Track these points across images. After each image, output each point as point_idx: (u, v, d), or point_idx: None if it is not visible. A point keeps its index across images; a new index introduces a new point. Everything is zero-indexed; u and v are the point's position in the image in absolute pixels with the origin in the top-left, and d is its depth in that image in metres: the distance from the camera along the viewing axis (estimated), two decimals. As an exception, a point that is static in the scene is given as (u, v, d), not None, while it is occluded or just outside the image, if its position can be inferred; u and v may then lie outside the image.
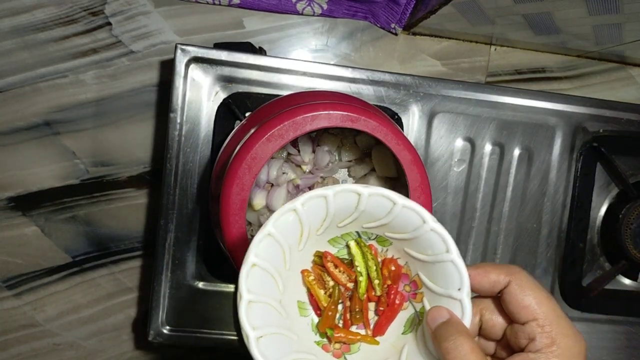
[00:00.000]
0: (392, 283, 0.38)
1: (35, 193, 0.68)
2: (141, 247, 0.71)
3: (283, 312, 0.35)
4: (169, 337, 0.56)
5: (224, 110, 0.55)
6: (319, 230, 0.36)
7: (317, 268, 0.38)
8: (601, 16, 0.57)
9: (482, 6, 0.59)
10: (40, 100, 0.67)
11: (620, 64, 0.75)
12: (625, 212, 0.60)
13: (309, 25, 0.69)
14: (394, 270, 0.38)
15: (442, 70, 0.72)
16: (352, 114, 0.43)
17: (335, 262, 0.38)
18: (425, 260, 0.35)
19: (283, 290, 0.36)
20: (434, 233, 0.34)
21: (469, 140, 0.60)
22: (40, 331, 0.71)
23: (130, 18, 0.67)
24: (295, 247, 0.35)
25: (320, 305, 0.38)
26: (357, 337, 0.38)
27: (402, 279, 0.38)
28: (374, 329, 0.38)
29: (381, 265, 0.38)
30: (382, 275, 0.38)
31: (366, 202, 0.34)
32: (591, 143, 0.61)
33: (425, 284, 0.36)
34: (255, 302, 0.33)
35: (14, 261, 0.69)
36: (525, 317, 0.33)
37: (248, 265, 0.33)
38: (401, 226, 0.35)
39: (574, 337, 0.32)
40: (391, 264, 0.38)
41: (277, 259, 0.34)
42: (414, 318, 0.38)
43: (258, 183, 0.51)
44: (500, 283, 0.34)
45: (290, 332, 0.35)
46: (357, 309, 0.38)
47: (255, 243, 0.33)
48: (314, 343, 0.37)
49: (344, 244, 0.39)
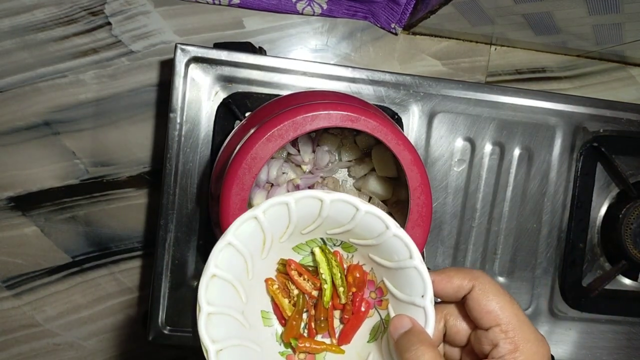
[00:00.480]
0: (357, 290, 0.37)
1: (35, 193, 0.68)
2: (141, 247, 0.71)
3: (245, 323, 0.35)
4: (169, 337, 0.56)
5: (223, 110, 0.55)
6: (282, 238, 0.36)
7: (281, 276, 0.38)
8: (601, 16, 0.57)
9: (482, 6, 0.59)
10: (40, 100, 0.67)
11: (620, 64, 0.75)
12: (625, 212, 0.60)
13: (309, 25, 0.69)
14: (359, 277, 0.37)
15: (442, 70, 0.72)
16: (352, 114, 0.43)
17: (300, 270, 0.37)
18: (389, 266, 0.35)
19: (246, 300, 0.35)
20: (397, 239, 0.33)
21: (469, 140, 0.60)
22: (40, 331, 0.71)
23: (130, 18, 0.67)
24: (258, 255, 0.35)
25: (285, 315, 0.38)
26: (322, 347, 0.37)
27: (368, 286, 0.38)
28: (339, 338, 0.38)
29: (346, 272, 0.38)
30: (347, 282, 0.37)
31: (329, 209, 0.33)
32: (591, 143, 0.61)
33: (390, 290, 0.36)
34: (216, 314, 0.32)
35: (14, 261, 0.69)
36: (488, 323, 0.33)
37: (207, 277, 0.32)
38: (365, 232, 0.35)
39: (537, 343, 0.32)
40: (356, 271, 0.37)
41: (238, 268, 0.34)
42: (379, 326, 0.37)
43: (258, 183, 0.51)
44: (464, 288, 0.34)
45: (252, 344, 0.35)
46: (322, 317, 0.37)
47: (214, 253, 0.32)
48: (277, 354, 0.37)
49: (308, 251, 0.38)
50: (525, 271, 0.61)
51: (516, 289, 0.61)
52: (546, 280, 0.61)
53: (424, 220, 0.45)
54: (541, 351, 0.32)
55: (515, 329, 0.32)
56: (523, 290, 0.61)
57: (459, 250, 0.60)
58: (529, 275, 0.61)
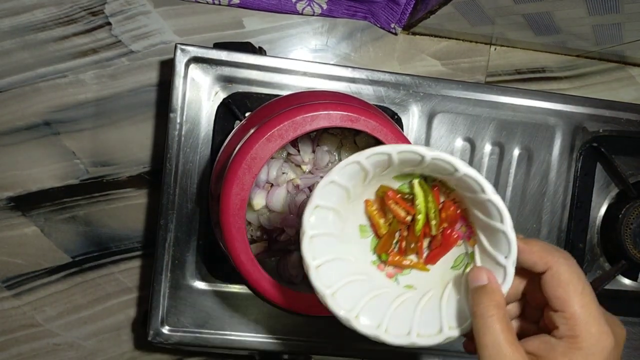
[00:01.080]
0: (448, 226, 0.39)
1: (35, 193, 0.68)
2: (141, 247, 0.71)
3: (343, 237, 0.39)
4: (168, 337, 0.56)
5: (223, 110, 0.55)
6: (383, 173, 0.38)
7: (380, 200, 0.40)
8: (601, 16, 0.57)
9: (482, 6, 0.59)
10: (40, 100, 0.67)
11: (620, 64, 0.75)
12: (625, 212, 0.60)
13: (309, 25, 0.69)
14: (452, 214, 0.39)
15: (442, 70, 0.72)
16: (352, 114, 0.43)
17: (397, 201, 0.39)
18: (482, 219, 0.37)
19: (346, 218, 0.39)
20: (491, 203, 0.35)
21: (469, 140, 0.60)
22: (40, 331, 0.71)
23: (130, 18, 0.67)
24: (360, 184, 0.38)
25: (380, 233, 0.40)
26: (410, 263, 0.40)
27: (460, 220, 0.39)
28: (427, 258, 0.40)
29: (441, 208, 0.39)
30: (440, 217, 0.39)
31: (429, 163, 0.35)
32: (591, 143, 0.61)
33: (479, 237, 0.38)
34: (317, 236, 0.36)
35: (14, 261, 0.69)
36: (555, 307, 0.34)
37: (312, 207, 0.36)
38: (462, 187, 0.37)
39: (599, 336, 0.33)
40: (450, 208, 0.39)
41: (340, 197, 0.37)
42: (464, 258, 0.39)
43: (258, 183, 0.51)
44: (538, 268, 0.35)
45: (348, 255, 0.39)
46: (413, 243, 0.40)
47: (319, 188, 0.35)
48: (370, 262, 0.41)
49: (408, 180, 0.40)
50: (525, 271, 0.61)
51: (516, 289, 0.61)
52: (546, 280, 0.61)
53: (424, 220, 0.45)
54: (603, 344, 0.33)
55: (579, 320, 0.33)
56: (523, 290, 0.61)
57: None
58: (528, 275, 0.61)
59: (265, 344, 0.57)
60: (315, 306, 0.45)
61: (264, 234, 0.52)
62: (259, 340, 0.57)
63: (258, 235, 0.53)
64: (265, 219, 0.51)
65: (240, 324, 0.57)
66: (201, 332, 0.57)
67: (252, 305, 0.57)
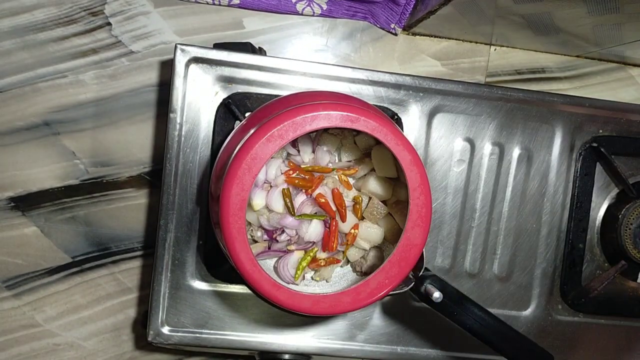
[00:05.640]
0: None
1: (35, 193, 0.68)
2: (141, 247, 0.71)
3: None
4: (168, 337, 0.56)
5: (223, 110, 0.55)
6: None
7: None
8: (601, 16, 0.57)
9: (482, 6, 0.59)
10: (40, 100, 0.67)
11: (620, 64, 0.75)
12: (625, 212, 0.60)
13: (308, 25, 0.69)
14: None
15: (442, 71, 0.72)
16: (352, 114, 0.43)
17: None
18: None
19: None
20: None
21: (469, 141, 0.60)
22: (40, 331, 0.71)
23: (130, 18, 0.67)
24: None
25: None
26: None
27: None
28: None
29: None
30: None
31: None
32: (591, 143, 0.61)
33: None
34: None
35: (14, 261, 0.69)
36: None
37: None
38: None
39: None
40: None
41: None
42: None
43: (257, 183, 0.51)
44: None
45: None
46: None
47: None
48: None
49: None
50: (524, 271, 0.61)
51: (515, 290, 0.61)
52: (546, 281, 0.61)
53: (424, 221, 0.45)
54: None
55: None
56: (522, 290, 0.61)
57: (458, 251, 0.60)
58: (528, 275, 0.61)
59: (265, 344, 0.57)
60: (315, 306, 0.45)
61: (264, 234, 0.52)
62: (259, 340, 0.57)
63: (258, 236, 0.53)
64: (265, 219, 0.51)
65: (240, 324, 0.57)
66: (201, 332, 0.57)
67: (252, 305, 0.57)
